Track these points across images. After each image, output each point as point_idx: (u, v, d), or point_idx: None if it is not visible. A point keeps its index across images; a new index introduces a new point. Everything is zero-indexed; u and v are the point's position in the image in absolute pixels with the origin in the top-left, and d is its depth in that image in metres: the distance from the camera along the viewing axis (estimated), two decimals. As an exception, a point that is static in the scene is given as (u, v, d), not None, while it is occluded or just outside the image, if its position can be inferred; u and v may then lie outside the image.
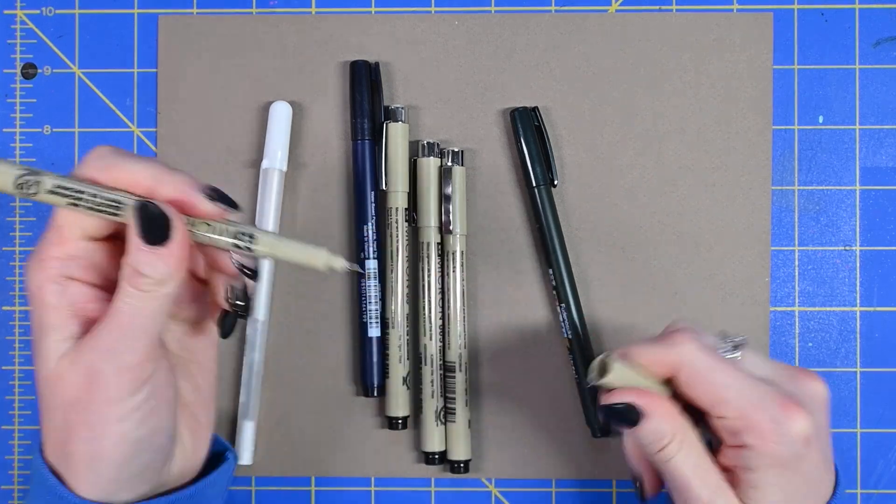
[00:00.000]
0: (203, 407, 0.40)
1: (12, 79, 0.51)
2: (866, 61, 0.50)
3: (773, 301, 0.50)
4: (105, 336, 0.34)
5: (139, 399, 0.35)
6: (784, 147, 0.50)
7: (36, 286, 0.35)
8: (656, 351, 0.37)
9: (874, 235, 0.50)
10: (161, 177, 0.34)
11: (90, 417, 0.34)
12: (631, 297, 0.50)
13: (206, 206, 0.35)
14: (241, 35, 0.51)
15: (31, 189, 0.34)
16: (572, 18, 0.50)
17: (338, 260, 0.36)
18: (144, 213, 0.34)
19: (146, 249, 0.34)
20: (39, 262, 0.35)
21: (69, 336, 0.35)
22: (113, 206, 0.34)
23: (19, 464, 0.51)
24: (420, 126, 0.50)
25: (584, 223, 0.50)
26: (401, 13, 0.51)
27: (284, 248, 0.36)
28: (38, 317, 0.35)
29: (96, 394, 0.34)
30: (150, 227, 0.34)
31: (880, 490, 0.50)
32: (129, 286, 0.34)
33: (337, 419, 0.50)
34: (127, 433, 0.35)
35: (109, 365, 0.34)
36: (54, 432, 0.36)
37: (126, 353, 0.34)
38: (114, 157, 0.35)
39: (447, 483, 0.50)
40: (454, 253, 0.49)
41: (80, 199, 0.34)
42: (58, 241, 0.35)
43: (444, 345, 0.49)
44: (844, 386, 0.50)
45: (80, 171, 0.35)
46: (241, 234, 0.35)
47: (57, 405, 0.35)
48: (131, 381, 0.34)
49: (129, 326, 0.34)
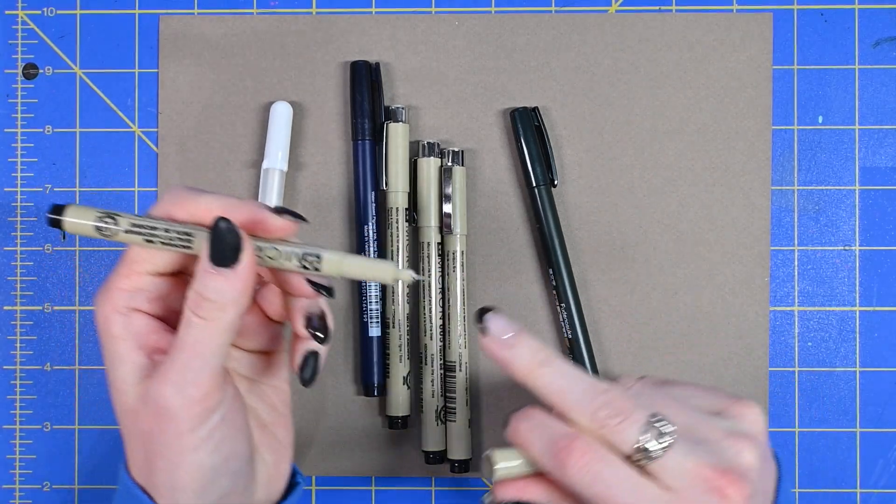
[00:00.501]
0: (282, 426, 0.41)
1: (14, 79, 0.51)
2: (866, 61, 0.50)
3: (772, 301, 0.50)
4: (170, 370, 0.34)
5: (209, 428, 0.35)
6: (784, 147, 0.50)
7: (103, 317, 0.36)
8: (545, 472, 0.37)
9: (873, 235, 0.50)
10: (230, 204, 0.35)
11: (165, 450, 0.35)
12: (631, 297, 0.50)
13: (275, 221, 0.35)
14: (242, 35, 0.51)
15: (109, 231, 0.35)
16: (572, 18, 0.50)
17: (405, 272, 0.36)
18: (216, 233, 0.34)
19: (213, 272, 0.34)
20: (107, 294, 0.36)
21: (137, 367, 0.36)
22: (185, 239, 0.35)
23: (21, 463, 0.51)
24: (420, 126, 0.50)
25: (584, 223, 0.50)
26: (401, 13, 0.51)
27: (351, 265, 0.36)
28: (107, 348, 0.36)
29: (167, 427, 0.35)
30: (221, 247, 0.34)
31: (880, 490, 0.50)
32: (193, 314, 0.34)
33: (337, 419, 0.50)
34: (202, 462, 0.35)
35: (176, 399, 0.34)
36: (138, 460, 0.37)
37: (191, 386, 0.34)
38: (185, 193, 0.36)
39: (447, 483, 0.50)
40: (454, 253, 0.49)
41: (155, 235, 0.35)
42: (126, 274, 0.36)
43: (444, 344, 0.49)
44: (844, 386, 0.50)
45: (155, 210, 0.36)
46: (307, 255, 0.36)
47: (136, 436, 0.36)
48: (200, 412, 0.35)
49: (193, 359, 0.34)
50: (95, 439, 0.51)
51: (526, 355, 0.36)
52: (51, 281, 0.51)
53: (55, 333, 0.51)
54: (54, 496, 0.51)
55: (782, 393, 0.50)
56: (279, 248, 0.36)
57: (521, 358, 0.36)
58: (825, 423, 0.50)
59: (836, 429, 0.50)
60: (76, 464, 0.51)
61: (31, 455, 0.51)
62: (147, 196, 0.51)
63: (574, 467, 0.35)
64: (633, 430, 0.35)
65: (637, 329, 0.50)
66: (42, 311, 0.51)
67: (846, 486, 0.50)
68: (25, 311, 0.51)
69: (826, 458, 0.50)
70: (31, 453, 0.51)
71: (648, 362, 0.50)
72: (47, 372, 0.51)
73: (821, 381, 0.50)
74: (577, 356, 0.49)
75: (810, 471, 0.50)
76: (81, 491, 0.51)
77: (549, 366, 0.36)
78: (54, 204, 0.35)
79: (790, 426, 0.50)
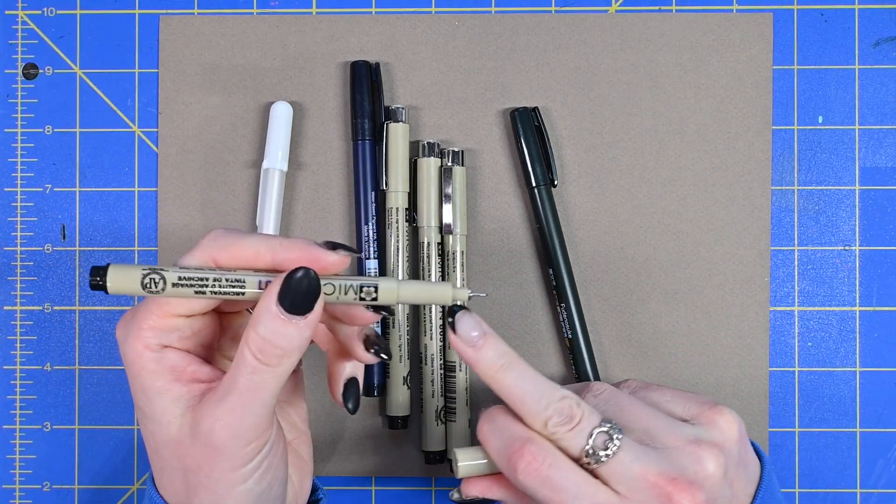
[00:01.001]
0: (304, 443, 0.42)
1: (13, 79, 0.51)
2: (866, 61, 0.50)
3: (772, 301, 0.50)
4: (226, 411, 0.34)
5: (258, 460, 0.36)
6: (784, 147, 0.50)
7: (134, 353, 0.35)
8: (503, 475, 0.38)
9: (873, 235, 0.50)
10: (278, 244, 0.35)
11: (212, 483, 0.35)
12: (631, 297, 0.50)
13: (329, 257, 0.35)
14: (242, 35, 0.51)
15: (157, 286, 0.34)
16: (572, 18, 0.50)
17: (462, 291, 0.37)
18: (295, 283, 0.34)
19: (284, 319, 0.34)
20: (137, 333, 0.35)
21: (179, 398, 0.35)
22: (236, 286, 0.35)
23: (21, 463, 0.51)
24: (420, 126, 0.50)
25: (584, 223, 0.50)
26: (401, 13, 0.51)
27: (408, 291, 0.36)
28: (142, 382, 0.36)
29: (217, 464, 0.35)
30: (297, 297, 0.34)
31: (880, 490, 0.50)
32: (256, 359, 0.34)
33: (337, 419, 0.50)
34: (249, 491, 0.36)
35: (232, 440, 0.34)
36: (175, 486, 0.37)
37: (250, 428, 0.34)
38: (229, 236, 0.35)
39: (447, 483, 0.50)
40: (454, 253, 0.49)
41: (206, 286, 0.35)
42: (159, 314, 0.35)
43: (444, 344, 0.49)
44: (844, 386, 0.50)
45: (196, 254, 0.35)
46: (364, 286, 0.36)
47: (176, 466, 0.36)
48: (253, 449, 0.35)
49: (253, 402, 0.34)
50: (95, 439, 0.51)
51: (490, 357, 0.37)
52: (51, 281, 0.51)
53: (55, 333, 0.51)
54: (54, 496, 0.51)
55: (782, 393, 0.50)
56: (335, 283, 0.35)
57: (484, 360, 0.37)
58: (825, 423, 0.50)
59: (835, 429, 0.50)
60: (76, 464, 0.51)
61: (31, 455, 0.51)
62: (147, 196, 0.51)
63: (524, 472, 0.36)
64: (582, 435, 0.36)
65: (637, 329, 0.50)
66: (42, 311, 0.51)
67: (846, 487, 0.50)
68: (25, 311, 0.51)
69: (826, 458, 0.50)
70: (31, 453, 0.51)
71: (648, 362, 0.50)
72: (47, 372, 0.51)
73: (821, 381, 0.50)
74: (577, 356, 0.49)
75: (810, 471, 0.50)
76: (81, 491, 0.51)
77: (511, 370, 0.37)
78: (94, 266, 0.35)
79: (790, 426, 0.50)
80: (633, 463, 0.36)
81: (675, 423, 0.38)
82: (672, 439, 0.37)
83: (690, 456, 0.37)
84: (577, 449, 0.36)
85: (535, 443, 0.37)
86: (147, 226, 0.51)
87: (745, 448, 0.39)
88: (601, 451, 0.36)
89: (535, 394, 0.37)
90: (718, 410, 0.39)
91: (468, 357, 0.37)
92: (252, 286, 0.35)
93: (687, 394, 0.41)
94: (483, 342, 0.37)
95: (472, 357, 0.37)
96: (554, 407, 0.37)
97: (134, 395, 0.36)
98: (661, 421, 0.38)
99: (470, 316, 0.37)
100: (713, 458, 0.37)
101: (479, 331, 0.37)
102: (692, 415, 0.40)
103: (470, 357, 0.37)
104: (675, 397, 0.41)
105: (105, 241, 0.51)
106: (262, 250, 0.35)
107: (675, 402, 0.41)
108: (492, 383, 0.38)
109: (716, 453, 0.37)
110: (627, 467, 0.36)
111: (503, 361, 0.37)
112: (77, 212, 0.51)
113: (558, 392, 0.37)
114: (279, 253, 0.35)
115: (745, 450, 0.39)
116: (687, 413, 0.40)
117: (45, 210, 0.51)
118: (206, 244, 0.35)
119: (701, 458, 0.37)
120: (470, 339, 0.37)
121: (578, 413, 0.37)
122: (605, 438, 0.36)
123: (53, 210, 0.51)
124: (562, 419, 0.36)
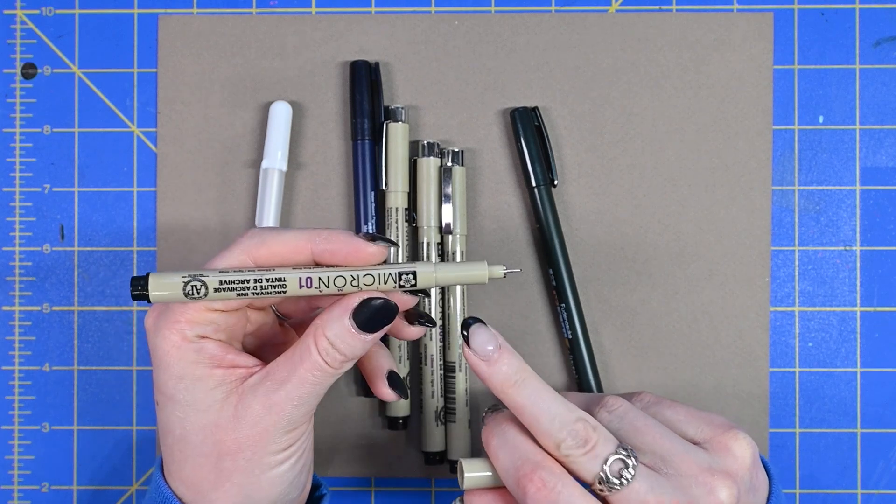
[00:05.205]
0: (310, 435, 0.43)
1: (12, 79, 0.51)
2: (866, 61, 0.50)
3: (773, 301, 0.50)
4: (282, 398, 0.37)
5: (297, 446, 0.38)
6: (784, 147, 0.50)
7: (170, 345, 0.37)
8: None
9: (874, 235, 0.50)
10: (318, 236, 0.37)
11: (251, 466, 0.37)
12: (631, 297, 0.50)
13: (369, 249, 0.37)
14: (241, 35, 0.51)
15: (199, 293, 0.35)
16: (572, 18, 0.50)
17: (496, 268, 0.38)
18: (375, 309, 0.36)
19: (354, 332, 0.36)
20: (174, 326, 0.37)
21: (220, 384, 0.37)
22: (277, 285, 0.36)
23: (19, 464, 0.51)
24: (420, 126, 0.50)
25: (584, 223, 0.50)
26: (401, 13, 0.51)
27: (445, 274, 0.37)
28: (178, 370, 0.37)
29: (263, 446, 0.37)
30: (373, 320, 0.36)
31: (880, 490, 0.50)
32: (322, 359, 0.36)
33: (337, 419, 0.50)
34: (283, 475, 0.38)
35: (283, 424, 0.37)
36: (198, 477, 0.38)
37: (299, 419, 0.37)
38: (265, 233, 0.37)
39: (447, 483, 0.50)
40: (454, 253, 0.49)
41: (247, 288, 0.36)
42: (196, 308, 0.37)
43: (444, 345, 0.49)
44: (844, 386, 0.50)
45: (235, 252, 0.37)
46: (402, 273, 0.37)
47: (208, 453, 0.37)
48: (295, 435, 0.38)
49: (309, 394, 0.37)
50: (94, 440, 0.51)
51: (504, 373, 0.37)
52: (49, 281, 0.51)
53: (54, 334, 0.51)
54: (52, 497, 0.51)
55: (782, 393, 0.50)
56: (374, 274, 0.37)
57: (498, 375, 0.37)
58: (826, 423, 0.50)
59: (836, 429, 0.50)
60: (74, 464, 0.51)
61: (30, 456, 0.51)
62: (146, 196, 0.51)
63: (533, 497, 0.35)
64: (597, 461, 0.36)
65: (637, 329, 0.50)
66: (41, 311, 0.51)
67: (847, 487, 0.50)
68: (24, 311, 0.51)
69: (826, 458, 0.50)
70: (30, 454, 0.51)
71: (648, 363, 0.50)
72: (46, 372, 0.51)
73: (821, 382, 0.50)
74: (577, 356, 0.49)
75: (811, 472, 0.50)
76: (80, 492, 0.51)
77: (525, 387, 0.37)
78: (134, 277, 0.35)
79: (790, 427, 0.50)
80: (647, 494, 0.35)
81: (689, 449, 0.38)
82: (686, 466, 0.37)
83: (704, 487, 0.36)
84: (590, 475, 0.36)
85: (546, 468, 0.36)
86: (146, 226, 0.51)
87: (758, 473, 0.39)
88: (615, 478, 0.35)
89: (550, 413, 0.36)
90: (733, 436, 0.38)
91: (481, 371, 0.37)
92: (293, 285, 0.36)
93: (701, 413, 0.40)
94: (498, 356, 0.37)
95: (486, 372, 0.37)
96: (568, 429, 0.36)
97: (164, 384, 0.37)
98: (675, 445, 0.37)
99: (485, 329, 0.37)
100: (726, 489, 0.36)
101: (495, 344, 0.37)
102: (705, 438, 0.39)
103: (483, 372, 0.37)
104: (688, 417, 0.40)
105: (104, 241, 0.51)
106: (301, 244, 0.36)
107: (689, 422, 0.40)
108: (504, 399, 0.37)
109: (729, 484, 0.36)
110: (642, 498, 0.35)
111: (518, 377, 0.37)
112: (76, 212, 0.51)
113: (573, 413, 0.36)
114: (319, 245, 0.36)
115: (757, 475, 0.39)
116: (700, 435, 0.39)
117: (44, 210, 0.51)
118: (244, 241, 0.37)
119: (714, 488, 0.36)
120: (485, 352, 0.37)
121: (594, 438, 0.36)
122: (621, 466, 0.35)
123: (52, 210, 0.51)
124: (576, 442, 0.36)
